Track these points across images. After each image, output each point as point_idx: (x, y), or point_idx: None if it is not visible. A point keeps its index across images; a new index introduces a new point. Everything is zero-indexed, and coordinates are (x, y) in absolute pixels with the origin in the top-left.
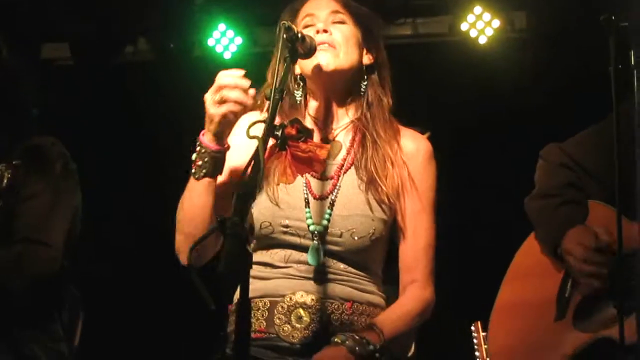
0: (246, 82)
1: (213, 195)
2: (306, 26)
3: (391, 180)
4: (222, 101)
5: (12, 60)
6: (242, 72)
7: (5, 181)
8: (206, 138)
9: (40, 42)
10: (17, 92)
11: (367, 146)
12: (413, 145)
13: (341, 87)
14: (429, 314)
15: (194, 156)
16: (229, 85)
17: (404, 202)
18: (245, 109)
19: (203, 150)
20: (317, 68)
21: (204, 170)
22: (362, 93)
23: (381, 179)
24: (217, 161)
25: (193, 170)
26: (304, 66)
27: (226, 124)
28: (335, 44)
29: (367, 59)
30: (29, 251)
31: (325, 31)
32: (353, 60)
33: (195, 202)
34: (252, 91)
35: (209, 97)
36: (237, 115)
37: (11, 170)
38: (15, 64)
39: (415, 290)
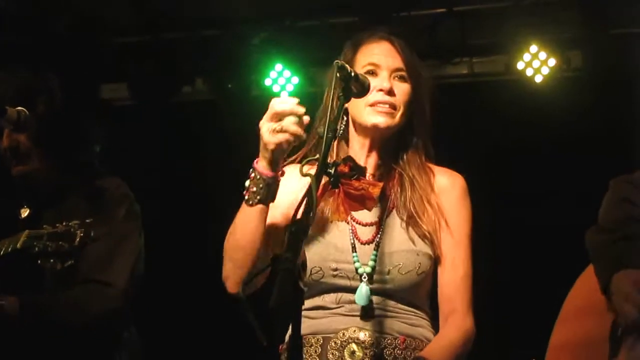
0: (301, 109)
1: (264, 224)
2: (368, 72)
3: (429, 217)
4: (280, 130)
5: (69, 101)
6: (296, 99)
7: (77, 240)
8: (260, 165)
9: (100, 82)
10: (75, 131)
11: (405, 186)
12: (448, 181)
13: (387, 138)
14: (471, 343)
15: (247, 183)
16: (285, 111)
17: (441, 235)
18: (299, 138)
19: (258, 177)
20: (373, 125)
21: (257, 197)
22: (401, 137)
23: (420, 217)
24: (270, 188)
25: (246, 197)
26: (354, 108)
27: (280, 152)
28: (396, 106)
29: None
30: (89, 290)
31: (389, 92)
32: (405, 117)
33: (247, 229)
34: (306, 118)
35: (265, 125)
36: (290, 144)
37: (84, 229)
38: (72, 104)
39: (456, 321)
